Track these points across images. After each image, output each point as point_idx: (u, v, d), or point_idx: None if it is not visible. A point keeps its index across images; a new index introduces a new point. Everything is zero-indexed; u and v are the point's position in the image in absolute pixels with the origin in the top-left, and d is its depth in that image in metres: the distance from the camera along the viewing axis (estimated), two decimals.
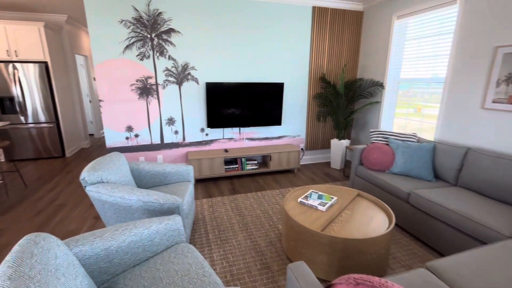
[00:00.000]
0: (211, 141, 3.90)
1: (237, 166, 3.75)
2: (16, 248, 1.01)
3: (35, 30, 4.25)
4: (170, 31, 3.36)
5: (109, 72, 3.29)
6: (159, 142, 3.67)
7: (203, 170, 3.54)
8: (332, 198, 2.24)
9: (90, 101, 6.34)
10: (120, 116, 3.44)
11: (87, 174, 1.86)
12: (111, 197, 1.83)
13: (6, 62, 4.24)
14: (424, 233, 2.28)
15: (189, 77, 3.58)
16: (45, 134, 4.66)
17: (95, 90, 6.51)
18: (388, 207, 2.12)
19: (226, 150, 3.80)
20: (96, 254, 1.28)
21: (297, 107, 4.16)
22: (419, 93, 3.38)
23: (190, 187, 2.43)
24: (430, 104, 3.19)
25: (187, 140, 3.78)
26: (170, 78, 3.51)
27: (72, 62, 5.16)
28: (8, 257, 0.96)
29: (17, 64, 4.27)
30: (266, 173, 3.99)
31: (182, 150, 3.79)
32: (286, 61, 3.91)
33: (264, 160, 4.05)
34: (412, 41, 3.38)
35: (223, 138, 3.94)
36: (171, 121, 3.65)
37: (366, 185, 2.96)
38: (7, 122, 3.53)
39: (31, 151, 4.65)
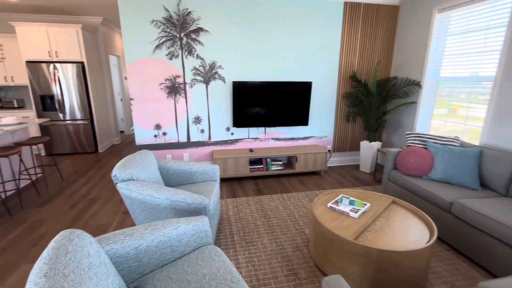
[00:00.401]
0: (236, 141, 3.88)
1: (262, 166, 3.70)
2: (52, 244, 1.03)
3: (73, 32, 4.49)
4: (199, 30, 3.38)
5: (140, 71, 3.37)
6: (185, 140, 3.71)
7: (228, 170, 3.52)
8: (365, 204, 2.10)
9: (121, 100, 6.61)
10: (149, 115, 3.52)
11: (118, 171, 1.90)
12: (140, 195, 1.84)
13: (48, 62, 4.53)
14: (468, 247, 2.07)
15: (216, 76, 3.57)
16: (80, 130, 4.92)
17: (126, 89, 6.78)
18: (429, 217, 1.94)
19: (251, 150, 3.76)
20: (126, 253, 1.28)
21: (325, 107, 4.01)
22: (454, 93, 3.12)
23: (216, 187, 2.41)
24: (472, 105, 2.91)
25: (213, 139, 3.79)
26: (197, 77, 3.53)
27: (105, 62, 5.40)
28: (44, 253, 0.98)
29: (57, 64, 4.54)
30: (292, 174, 3.89)
31: (208, 149, 3.81)
32: (315, 59, 3.78)
33: (290, 161, 3.96)
34: (455, 36, 3.11)
35: (248, 138, 3.90)
36: (197, 120, 3.68)
37: (401, 192, 2.76)
38: (48, 119, 3.76)
39: (67, 146, 4.93)
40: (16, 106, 4.93)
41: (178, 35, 3.35)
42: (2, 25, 4.76)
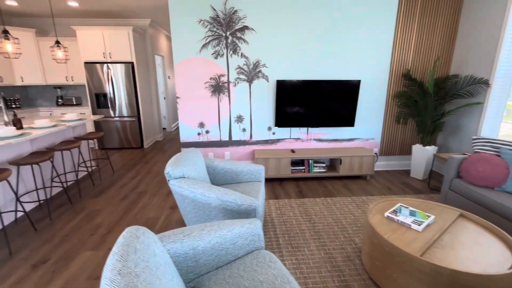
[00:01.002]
0: (278, 140, 3.80)
1: (303, 168, 3.58)
2: (120, 240, 1.04)
3: (125, 34, 4.77)
4: (244, 28, 3.35)
5: (187, 70, 3.45)
6: (227, 139, 3.73)
7: (269, 170, 3.47)
8: (429, 216, 1.90)
9: (164, 98, 6.91)
10: (194, 113, 3.60)
11: (171, 169, 1.94)
12: (192, 193, 1.86)
13: (102, 63, 4.87)
14: None
15: (260, 74, 3.53)
16: (127, 127, 5.23)
17: (169, 88, 7.07)
18: (510, 236, 1.68)
19: (293, 151, 3.66)
20: (185, 252, 1.28)
21: (373, 107, 3.75)
22: None
23: (262, 188, 2.36)
24: None
25: (254, 139, 3.76)
26: (241, 76, 3.52)
27: (152, 62, 5.67)
28: (115, 249, 0.99)
29: (110, 65, 4.86)
30: (335, 178, 3.71)
31: (249, 148, 3.79)
32: (364, 55, 3.55)
33: (332, 163, 3.78)
34: None
35: (290, 138, 3.80)
36: (239, 119, 3.67)
37: (466, 203, 2.46)
38: (102, 116, 4.03)
39: (116, 141, 5.27)
40: (74, 103, 5.40)
41: (224, 34, 3.36)
42: (66, 29, 5.23)
